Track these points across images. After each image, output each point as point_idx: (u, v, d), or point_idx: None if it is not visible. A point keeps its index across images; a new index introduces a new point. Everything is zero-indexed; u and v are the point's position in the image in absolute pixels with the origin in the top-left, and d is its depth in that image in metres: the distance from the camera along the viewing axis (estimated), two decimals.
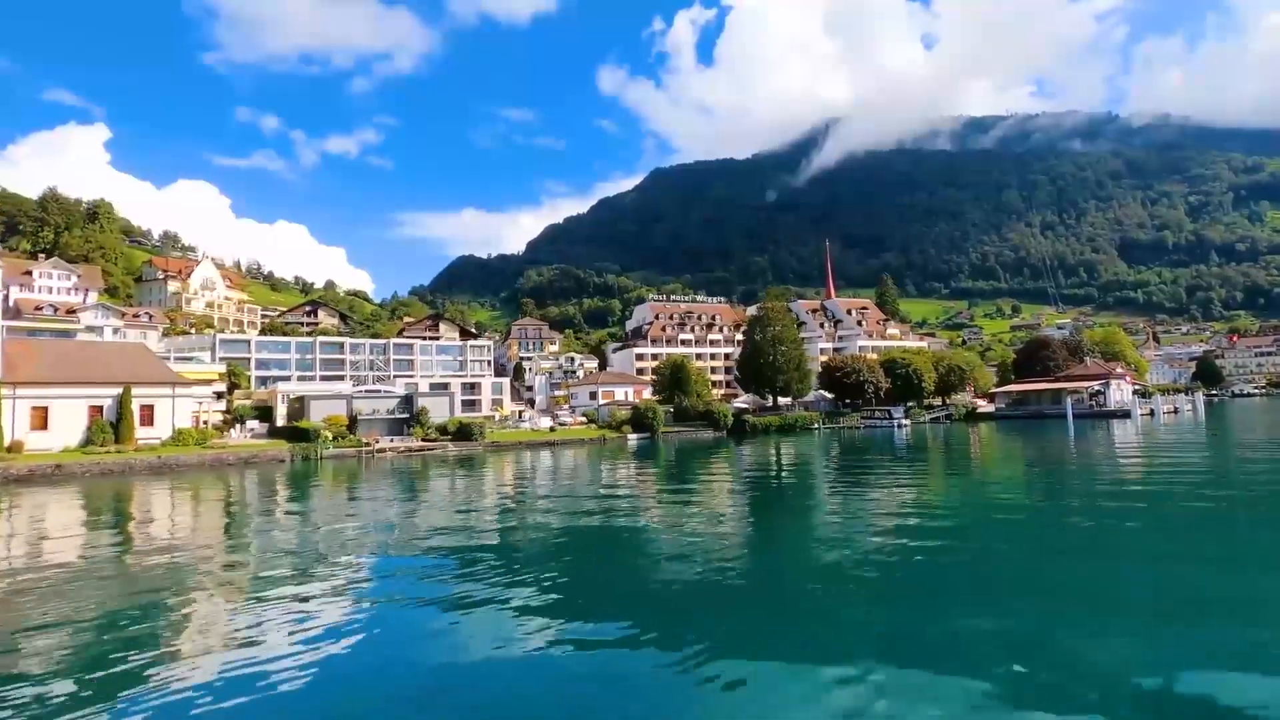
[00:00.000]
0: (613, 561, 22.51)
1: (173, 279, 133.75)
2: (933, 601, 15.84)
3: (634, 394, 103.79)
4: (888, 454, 63.14)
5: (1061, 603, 15.46)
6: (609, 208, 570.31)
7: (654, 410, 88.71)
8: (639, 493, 40.14)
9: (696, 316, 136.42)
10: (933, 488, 38.76)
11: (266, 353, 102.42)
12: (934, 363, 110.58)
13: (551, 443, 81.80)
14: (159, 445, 64.56)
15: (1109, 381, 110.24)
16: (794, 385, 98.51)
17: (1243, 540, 22.76)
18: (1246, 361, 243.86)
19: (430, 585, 18.96)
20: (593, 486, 43.41)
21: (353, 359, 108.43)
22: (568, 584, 18.72)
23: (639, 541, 25.57)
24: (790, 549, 23.89)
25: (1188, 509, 28.19)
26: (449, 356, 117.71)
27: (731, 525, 28.54)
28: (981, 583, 17.88)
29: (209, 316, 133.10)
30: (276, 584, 19.17)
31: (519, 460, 65.67)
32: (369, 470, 58.94)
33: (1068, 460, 52.93)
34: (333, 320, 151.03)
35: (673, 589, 18.03)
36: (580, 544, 25.34)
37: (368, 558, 23.08)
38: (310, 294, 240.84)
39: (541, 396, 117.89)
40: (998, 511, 30.45)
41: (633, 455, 69.35)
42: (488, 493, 42.97)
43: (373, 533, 28.50)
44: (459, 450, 75.59)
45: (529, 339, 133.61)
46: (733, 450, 73.11)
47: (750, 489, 41.71)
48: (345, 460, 69.32)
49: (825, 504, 34.25)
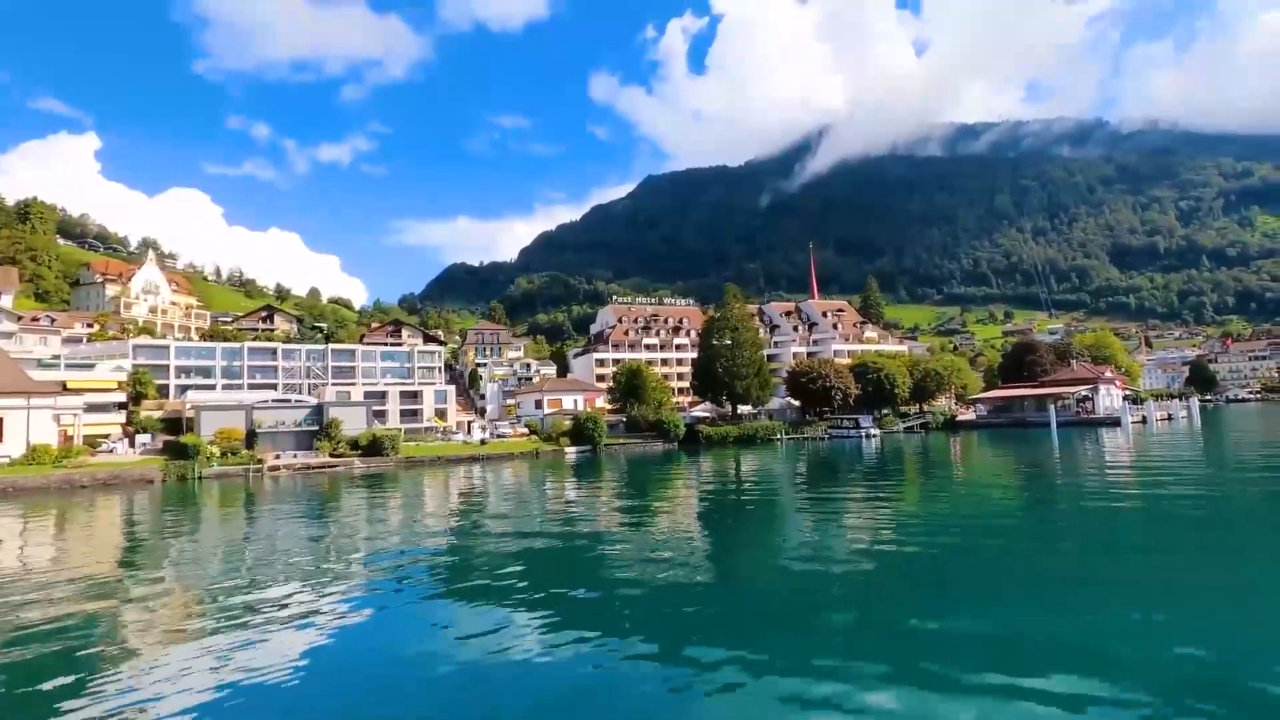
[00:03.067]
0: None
1: (111, 282, 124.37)
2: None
3: (585, 402, 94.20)
4: (848, 471, 54.55)
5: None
6: (602, 215, 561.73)
7: (595, 420, 78.94)
8: (542, 526, 30.42)
9: (663, 320, 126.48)
10: (862, 524, 29.07)
11: (189, 359, 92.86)
12: (909, 367, 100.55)
13: (477, 458, 72.09)
14: (5, 465, 55.26)
15: (1098, 386, 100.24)
16: (753, 392, 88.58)
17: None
18: (1241, 366, 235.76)
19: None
20: (496, 519, 33.86)
21: (286, 365, 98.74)
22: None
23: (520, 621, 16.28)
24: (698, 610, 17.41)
25: (1202, 572, 18.65)
26: (395, 363, 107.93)
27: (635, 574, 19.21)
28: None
29: (152, 322, 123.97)
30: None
31: (428, 480, 56.23)
32: (247, 494, 49.49)
33: (1044, 481, 43.23)
34: (289, 326, 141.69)
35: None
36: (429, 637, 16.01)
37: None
38: (286, 301, 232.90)
39: (493, 406, 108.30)
40: (938, 562, 20.91)
41: (565, 472, 59.96)
42: (351, 531, 32.97)
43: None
44: (366, 467, 66.11)
45: (486, 344, 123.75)
46: (681, 465, 64.31)
47: (665, 523, 32.01)
48: (229, 480, 59.93)
49: (726, 555, 24.67)
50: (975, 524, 28.87)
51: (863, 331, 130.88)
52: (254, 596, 19.42)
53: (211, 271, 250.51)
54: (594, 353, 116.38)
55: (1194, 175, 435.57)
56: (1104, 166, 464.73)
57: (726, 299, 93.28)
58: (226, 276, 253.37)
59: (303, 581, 21.09)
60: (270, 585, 20.79)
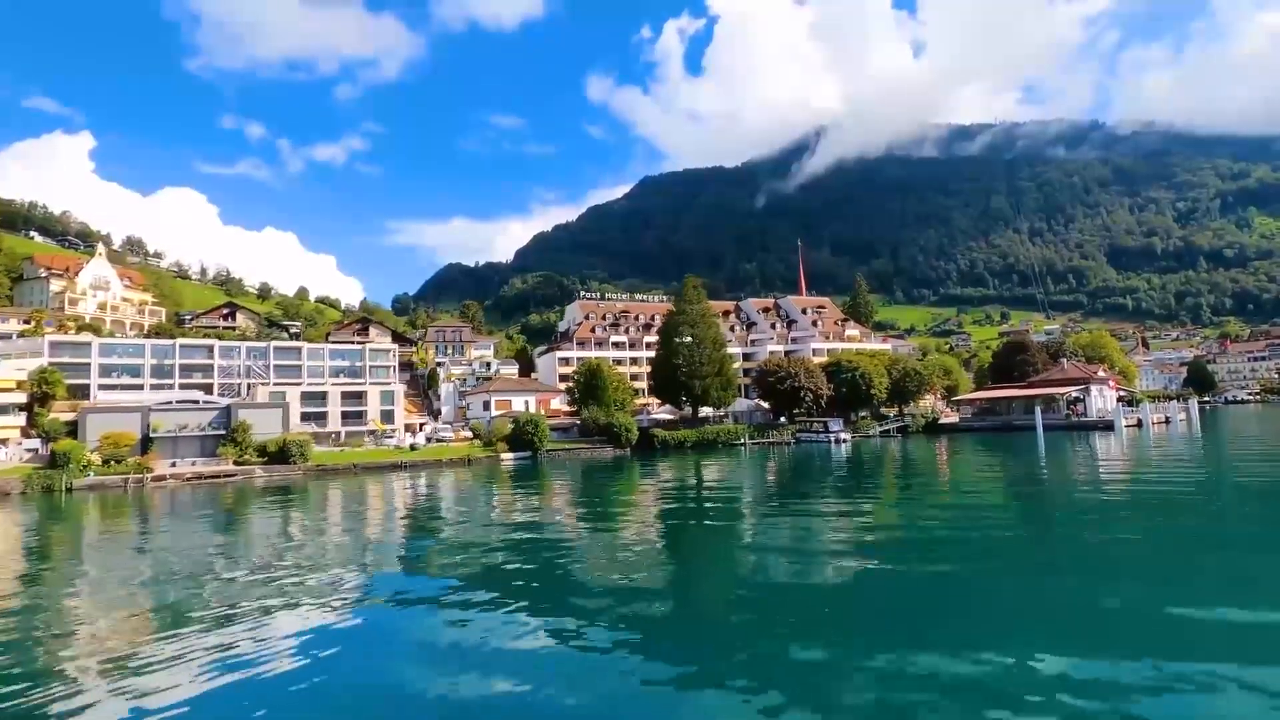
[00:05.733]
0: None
1: (57, 277, 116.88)
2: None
3: (537, 404, 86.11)
4: (808, 481, 47.73)
5: None
6: (599, 215, 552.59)
7: (535, 424, 70.68)
8: (400, 581, 22.16)
9: (633, 317, 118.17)
10: (796, 552, 20.97)
11: (115, 358, 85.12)
12: (888, 366, 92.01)
13: (400, 465, 64.03)
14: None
15: (1089, 387, 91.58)
16: (714, 393, 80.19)
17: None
18: (1240, 367, 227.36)
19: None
20: (345, 567, 25.81)
21: (223, 364, 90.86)
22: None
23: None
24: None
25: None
26: (345, 362, 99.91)
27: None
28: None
29: (100, 319, 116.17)
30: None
31: (332, 494, 48.47)
32: (123, 508, 41.65)
33: (1016, 504, 35.08)
34: (252, 324, 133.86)
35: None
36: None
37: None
38: (267, 300, 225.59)
39: (448, 408, 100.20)
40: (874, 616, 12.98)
41: (493, 483, 52.07)
42: (198, 569, 25.10)
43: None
44: (268, 477, 58.18)
45: (447, 342, 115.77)
46: (629, 474, 56.73)
47: (589, 556, 23.94)
48: (106, 491, 52.14)
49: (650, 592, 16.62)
50: (911, 565, 20.76)
51: (844, 329, 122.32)
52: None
53: (197, 270, 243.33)
54: (557, 351, 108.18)
55: (1190, 176, 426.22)
56: (1100, 168, 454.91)
57: (686, 292, 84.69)
58: (213, 275, 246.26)
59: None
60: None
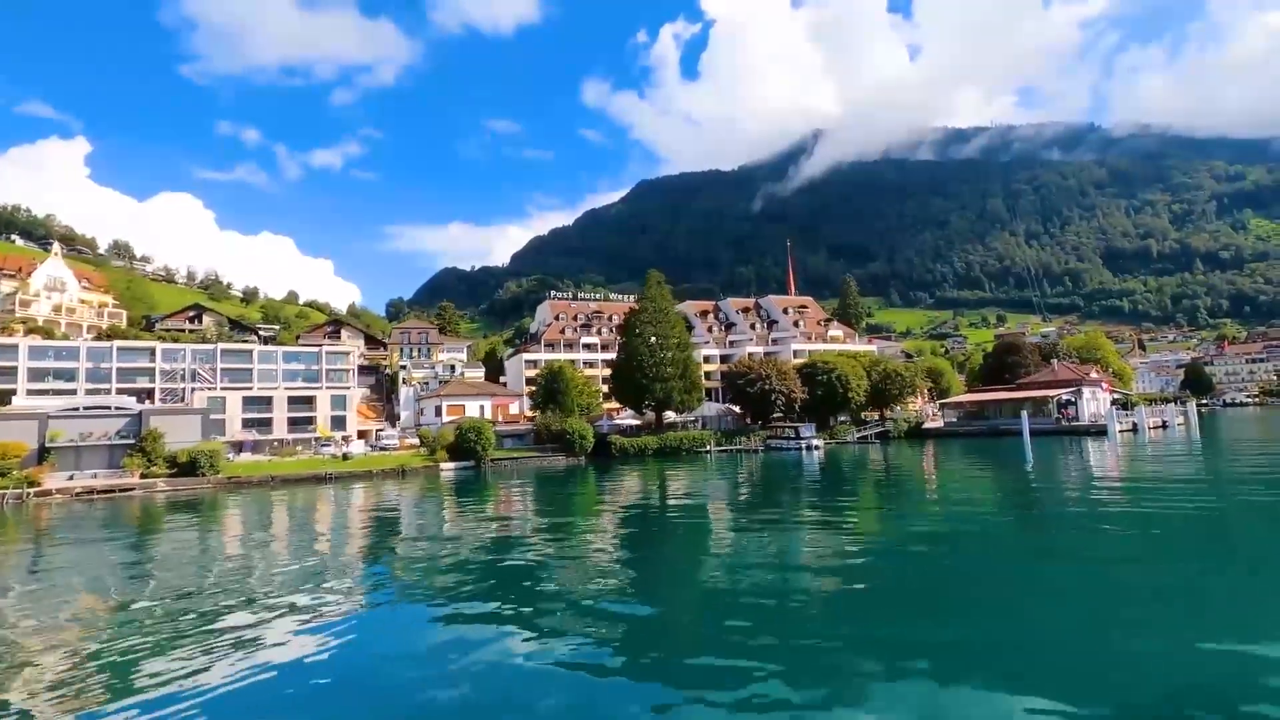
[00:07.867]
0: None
1: (8, 278, 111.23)
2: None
3: (494, 408, 79.86)
4: (773, 494, 42.23)
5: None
6: (595, 219, 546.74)
7: (479, 430, 64.32)
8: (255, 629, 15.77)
9: (606, 317, 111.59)
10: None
11: (47, 361, 79.17)
12: (868, 368, 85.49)
13: (325, 477, 57.70)
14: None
15: (1081, 389, 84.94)
16: (676, 397, 73.79)
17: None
18: (1238, 369, 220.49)
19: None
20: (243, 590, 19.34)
21: (166, 367, 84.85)
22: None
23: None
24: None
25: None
26: (300, 365, 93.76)
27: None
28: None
29: (55, 321, 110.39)
30: None
31: (234, 511, 42.35)
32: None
33: (990, 528, 28.62)
34: (219, 327, 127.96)
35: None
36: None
37: None
38: (253, 303, 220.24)
39: (408, 413, 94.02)
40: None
41: (422, 497, 45.88)
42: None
43: None
44: (173, 490, 51.93)
45: (413, 344, 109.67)
46: (582, 485, 50.96)
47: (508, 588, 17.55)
48: None
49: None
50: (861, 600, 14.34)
51: (827, 330, 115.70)
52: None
53: (184, 274, 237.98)
54: (524, 354, 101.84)
55: (1186, 179, 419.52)
56: (1096, 170, 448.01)
57: (648, 288, 78.17)
58: (202, 279, 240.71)
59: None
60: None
